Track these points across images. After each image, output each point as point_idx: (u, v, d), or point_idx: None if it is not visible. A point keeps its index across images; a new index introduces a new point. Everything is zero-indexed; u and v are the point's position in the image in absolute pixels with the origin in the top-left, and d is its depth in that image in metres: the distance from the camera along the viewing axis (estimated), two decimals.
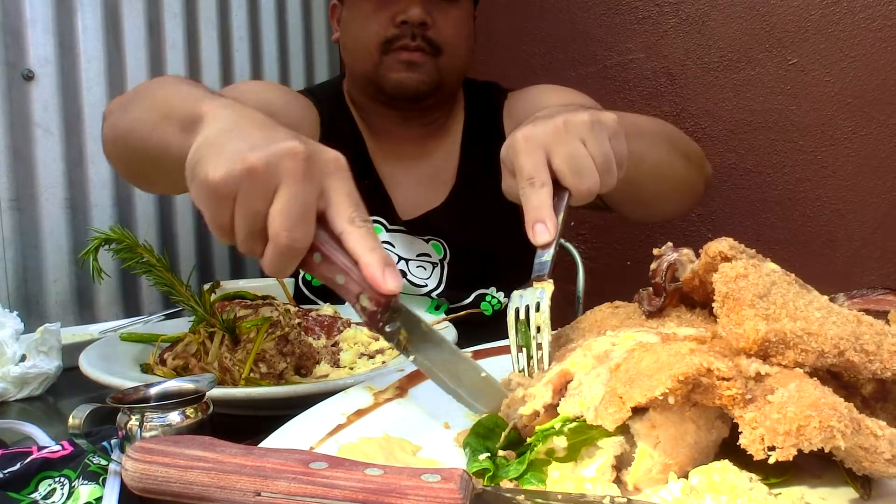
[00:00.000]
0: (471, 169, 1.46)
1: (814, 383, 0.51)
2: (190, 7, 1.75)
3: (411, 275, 1.42)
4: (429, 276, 1.42)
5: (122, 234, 0.94)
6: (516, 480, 0.56)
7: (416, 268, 1.42)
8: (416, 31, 1.31)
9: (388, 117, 1.45)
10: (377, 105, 1.43)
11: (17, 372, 1.00)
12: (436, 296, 1.42)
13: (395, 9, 1.31)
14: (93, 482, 0.63)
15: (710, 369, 0.50)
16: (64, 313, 1.50)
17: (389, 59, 1.34)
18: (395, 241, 1.43)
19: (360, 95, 1.46)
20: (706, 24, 1.89)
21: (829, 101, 1.78)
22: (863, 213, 1.78)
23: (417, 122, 1.45)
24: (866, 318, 0.56)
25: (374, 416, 0.69)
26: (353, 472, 0.48)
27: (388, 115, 1.44)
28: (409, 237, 1.43)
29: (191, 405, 0.67)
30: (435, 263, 1.43)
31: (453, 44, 1.36)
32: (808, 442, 0.47)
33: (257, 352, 0.90)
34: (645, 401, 0.51)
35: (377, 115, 1.45)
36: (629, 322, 0.69)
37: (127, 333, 1.07)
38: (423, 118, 1.45)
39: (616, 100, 2.02)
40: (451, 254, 1.43)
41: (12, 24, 1.43)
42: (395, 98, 1.38)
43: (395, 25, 1.31)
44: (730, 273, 0.56)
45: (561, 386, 0.58)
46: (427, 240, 1.43)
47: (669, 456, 0.53)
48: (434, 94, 1.39)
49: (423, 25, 1.31)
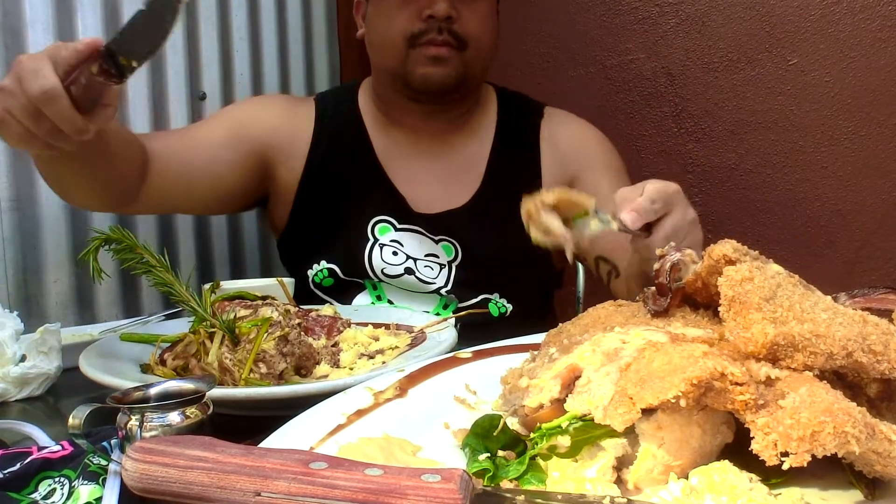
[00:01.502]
0: (500, 176, 1.47)
1: (825, 387, 0.51)
2: (190, 7, 1.75)
3: (419, 272, 1.42)
4: (436, 276, 1.43)
5: (122, 234, 0.94)
6: (516, 480, 0.56)
7: (424, 267, 1.42)
8: (442, 25, 1.33)
9: (411, 112, 1.46)
10: (402, 99, 1.44)
11: (17, 372, 1.00)
12: (444, 293, 1.42)
13: (421, 4, 1.33)
14: (93, 482, 0.63)
15: (724, 373, 0.50)
16: (64, 313, 1.50)
17: (416, 54, 1.35)
18: (405, 241, 1.43)
19: (385, 90, 1.47)
20: (706, 24, 1.89)
21: (829, 101, 1.78)
22: (863, 214, 1.78)
23: (441, 116, 1.47)
24: (872, 318, 0.56)
25: (374, 416, 0.69)
26: (353, 472, 0.48)
27: (412, 110, 1.46)
28: (420, 236, 1.43)
29: (191, 405, 0.67)
30: (443, 265, 1.43)
31: (478, 37, 1.38)
32: (822, 447, 0.47)
33: (257, 352, 0.90)
34: (657, 403, 0.50)
35: (401, 109, 1.47)
36: (634, 320, 0.68)
37: (127, 333, 1.07)
38: (446, 113, 1.46)
39: (616, 100, 2.02)
40: (462, 257, 1.43)
41: (12, 24, 1.43)
42: (421, 92, 1.40)
43: (422, 20, 1.33)
44: (735, 276, 0.56)
45: (569, 381, 0.58)
46: (438, 240, 1.43)
47: (672, 457, 0.53)
48: (459, 89, 1.40)
49: (449, 19, 1.33)
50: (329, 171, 1.46)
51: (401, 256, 1.42)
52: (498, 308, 1.43)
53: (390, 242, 1.42)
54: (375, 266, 1.42)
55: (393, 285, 1.43)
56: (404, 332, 1.13)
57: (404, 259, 1.42)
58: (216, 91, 1.81)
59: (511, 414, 0.61)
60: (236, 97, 1.86)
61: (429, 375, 0.78)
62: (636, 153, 1.99)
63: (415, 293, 1.43)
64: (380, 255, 1.42)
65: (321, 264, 1.45)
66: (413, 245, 1.43)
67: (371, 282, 1.44)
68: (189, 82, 1.74)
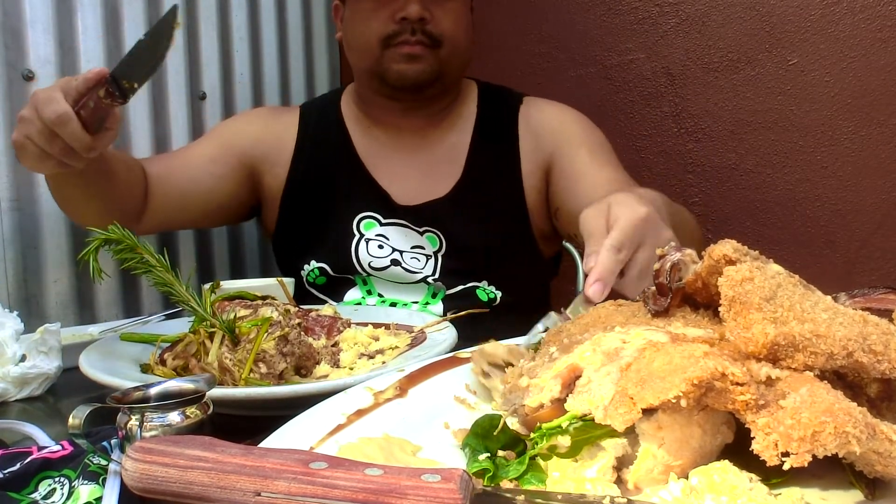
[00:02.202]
0: (479, 166, 1.49)
1: (825, 387, 0.51)
2: (190, 7, 1.75)
3: (406, 264, 1.44)
4: (423, 267, 1.45)
5: (122, 234, 0.94)
6: (516, 480, 0.56)
7: (411, 259, 1.45)
8: (415, 26, 1.35)
9: (391, 109, 1.49)
10: (381, 98, 1.47)
11: (17, 372, 1.00)
12: (431, 281, 1.43)
13: (394, 6, 1.36)
14: (93, 482, 0.63)
15: (725, 374, 0.50)
16: (64, 313, 1.50)
17: (391, 53, 1.38)
18: (390, 234, 1.46)
19: (364, 90, 1.51)
20: (706, 24, 1.89)
21: (829, 101, 1.78)
22: (863, 214, 1.78)
23: (419, 112, 1.49)
24: (872, 318, 0.56)
25: (374, 416, 0.68)
26: (353, 472, 0.47)
27: (391, 108, 1.49)
28: (405, 229, 1.46)
29: (191, 405, 0.67)
30: (429, 255, 1.45)
31: (452, 36, 1.40)
32: (822, 448, 0.47)
33: (257, 352, 0.90)
34: (657, 403, 0.50)
35: (381, 107, 1.50)
36: (635, 320, 0.68)
37: (127, 333, 1.07)
38: (425, 109, 1.49)
39: (616, 100, 2.02)
40: (446, 246, 1.46)
41: (12, 24, 1.43)
42: (398, 89, 1.42)
43: (395, 22, 1.36)
44: (735, 277, 0.56)
45: (570, 381, 0.58)
46: (423, 231, 1.45)
47: (673, 457, 0.53)
48: (435, 84, 1.43)
49: (422, 21, 1.35)
50: (313, 174, 1.51)
51: (386, 249, 1.45)
52: (487, 294, 1.45)
53: (376, 237, 1.45)
54: (363, 260, 1.45)
55: (381, 278, 1.46)
56: (404, 332, 1.13)
57: (390, 252, 1.45)
58: (216, 91, 1.81)
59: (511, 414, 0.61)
60: (236, 97, 1.86)
61: (429, 375, 0.78)
62: (636, 153, 1.99)
63: (403, 284, 1.46)
64: (366, 250, 1.45)
65: (311, 264, 1.48)
66: (398, 238, 1.45)
67: (360, 276, 1.47)
68: (189, 82, 1.74)
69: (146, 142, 1.65)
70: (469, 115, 1.53)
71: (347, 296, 1.48)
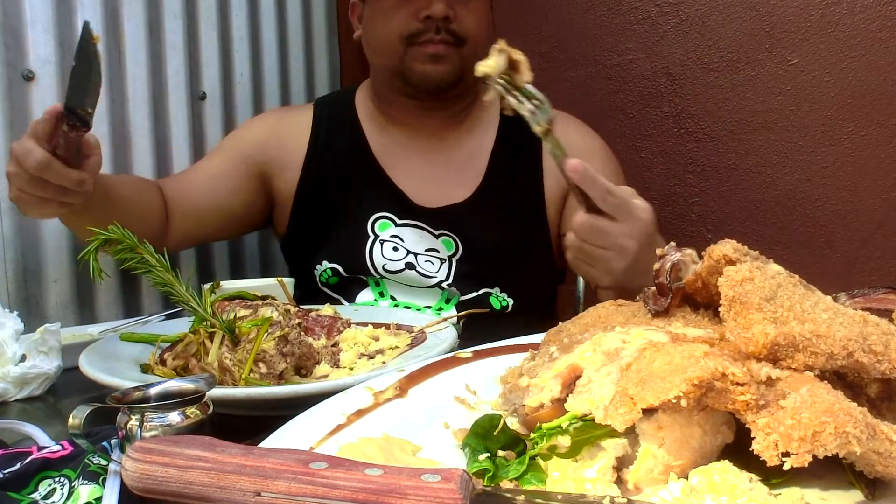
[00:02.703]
0: (501, 172, 1.48)
1: (826, 387, 0.51)
2: (190, 7, 1.75)
3: (420, 267, 1.43)
4: (437, 271, 1.44)
5: (122, 234, 0.93)
6: (516, 480, 0.56)
7: (424, 262, 1.44)
8: (440, 24, 1.34)
9: (410, 109, 1.48)
10: (401, 97, 1.46)
11: (17, 372, 1.00)
12: (446, 286, 1.42)
13: (418, 4, 1.34)
14: (93, 482, 0.63)
15: (725, 374, 0.50)
16: (64, 313, 1.50)
17: (414, 52, 1.37)
18: (405, 236, 1.45)
19: (383, 89, 1.50)
20: (706, 24, 1.89)
21: (829, 101, 1.78)
22: (863, 214, 1.78)
23: (439, 113, 1.48)
24: (872, 318, 0.56)
25: (374, 416, 0.69)
26: (353, 472, 0.47)
27: (411, 107, 1.48)
28: (420, 231, 1.45)
29: (191, 405, 0.67)
30: (444, 259, 1.44)
31: (476, 35, 1.39)
32: (823, 448, 0.47)
33: (257, 352, 0.90)
34: (658, 403, 0.50)
35: (399, 107, 1.49)
36: (635, 319, 0.68)
37: (127, 333, 1.07)
38: (445, 109, 1.48)
39: (616, 100, 2.02)
40: (462, 251, 1.44)
41: (12, 24, 1.43)
42: (420, 89, 1.42)
43: (419, 20, 1.35)
44: (735, 277, 0.56)
45: (570, 381, 0.58)
46: (438, 235, 1.44)
47: (673, 457, 0.53)
48: (458, 85, 1.42)
49: (447, 19, 1.34)
50: (326, 173, 1.49)
51: (401, 252, 1.44)
52: (499, 301, 1.45)
53: (391, 238, 1.44)
54: (376, 262, 1.44)
55: (394, 281, 1.44)
56: (404, 332, 1.13)
57: (405, 254, 1.43)
58: (216, 91, 1.81)
59: (511, 414, 0.61)
60: (236, 97, 1.86)
61: (429, 375, 0.78)
62: (636, 153, 1.99)
63: (416, 288, 1.44)
64: (380, 252, 1.44)
65: (324, 265, 1.47)
66: (413, 240, 1.44)
67: (373, 278, 1.45)
68: (189, 82, 1.74)
69: (146, 142, 1.65)
70: (491, 119, 1.52)
71: (359, 297, 1.47)
